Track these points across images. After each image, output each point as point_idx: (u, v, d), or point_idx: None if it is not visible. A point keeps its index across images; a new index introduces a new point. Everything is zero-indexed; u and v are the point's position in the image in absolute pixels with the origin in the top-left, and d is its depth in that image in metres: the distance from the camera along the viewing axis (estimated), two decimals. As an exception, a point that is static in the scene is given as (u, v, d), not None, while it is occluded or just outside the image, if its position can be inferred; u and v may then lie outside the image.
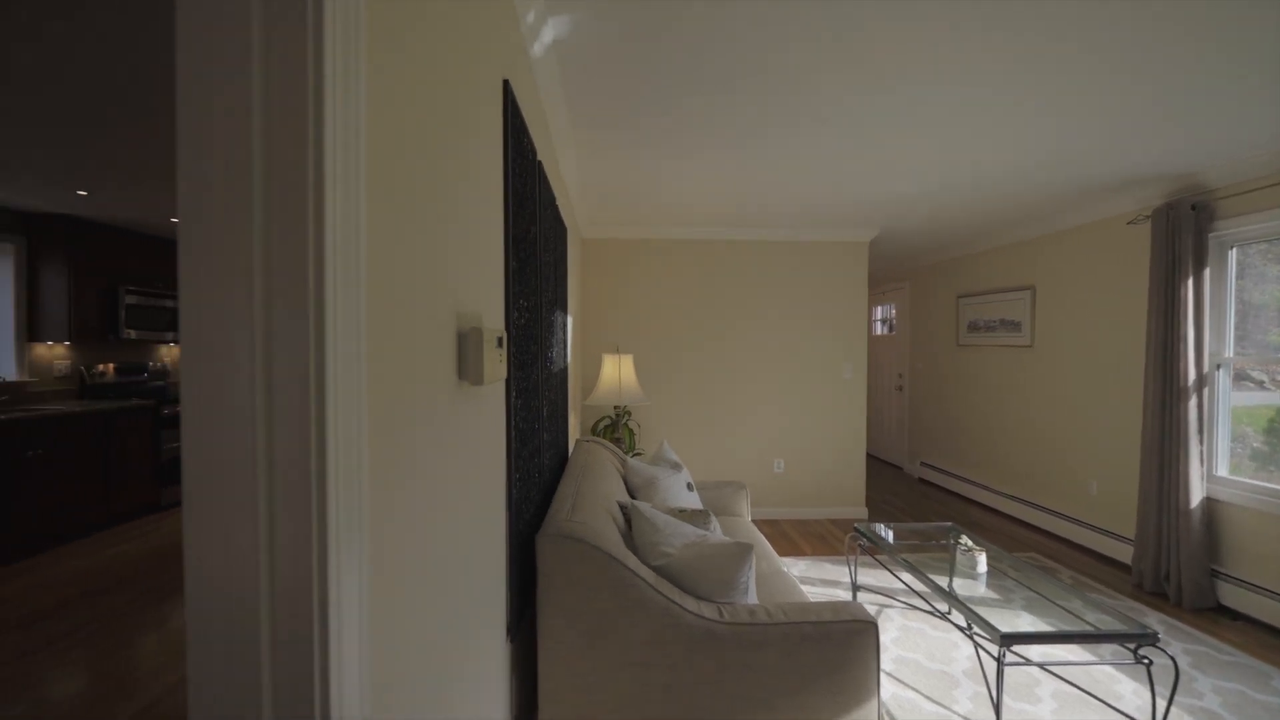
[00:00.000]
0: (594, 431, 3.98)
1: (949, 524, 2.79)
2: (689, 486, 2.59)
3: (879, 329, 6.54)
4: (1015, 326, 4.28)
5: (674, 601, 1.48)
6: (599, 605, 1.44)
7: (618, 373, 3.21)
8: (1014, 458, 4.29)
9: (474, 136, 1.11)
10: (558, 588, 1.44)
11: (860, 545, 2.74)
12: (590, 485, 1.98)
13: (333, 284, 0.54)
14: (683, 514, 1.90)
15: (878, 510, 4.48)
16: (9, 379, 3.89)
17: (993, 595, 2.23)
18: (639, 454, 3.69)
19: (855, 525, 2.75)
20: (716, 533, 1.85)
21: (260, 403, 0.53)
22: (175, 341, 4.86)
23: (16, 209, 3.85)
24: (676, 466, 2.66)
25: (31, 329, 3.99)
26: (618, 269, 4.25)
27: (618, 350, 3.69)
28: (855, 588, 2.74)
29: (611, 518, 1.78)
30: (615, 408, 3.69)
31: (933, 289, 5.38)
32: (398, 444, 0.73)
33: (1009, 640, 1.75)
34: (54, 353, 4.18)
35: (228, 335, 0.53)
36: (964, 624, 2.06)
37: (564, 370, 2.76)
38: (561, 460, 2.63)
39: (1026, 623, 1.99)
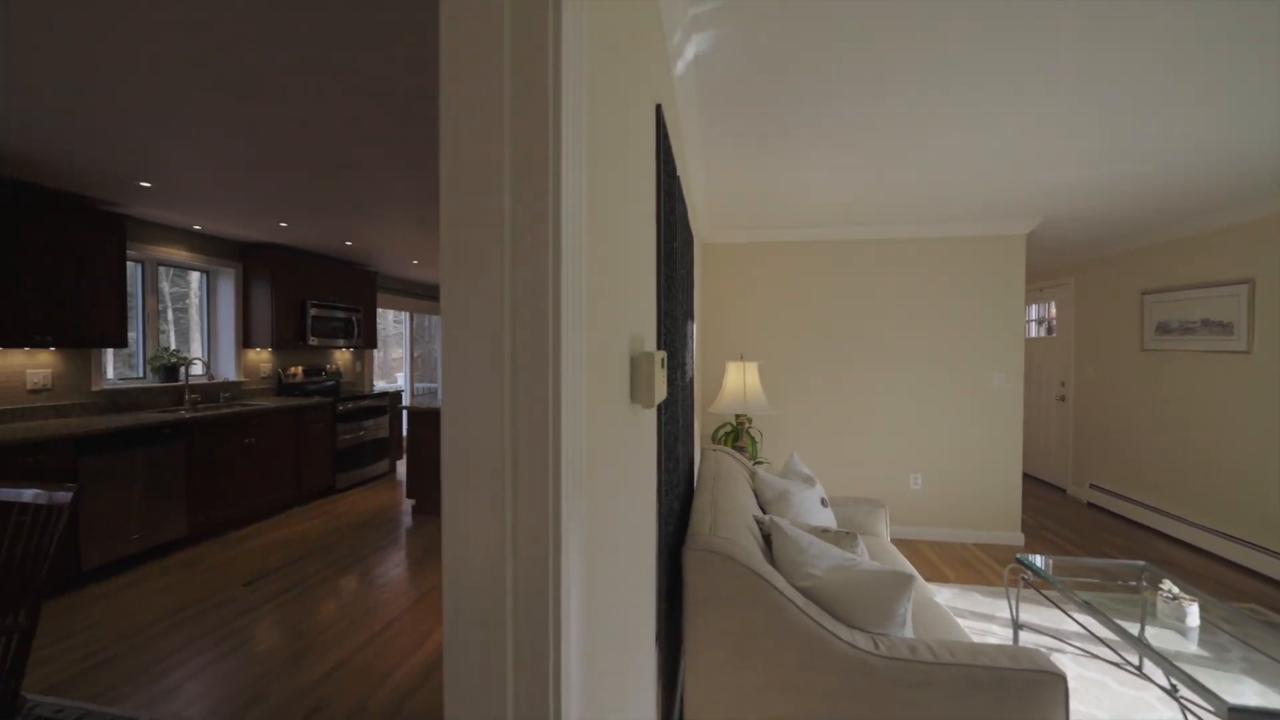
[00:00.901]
0: (714, 439, 3.96)
1: (1141, 563, 2.39)
2: (823, 502, 2.48)
3: (1034, 330, 5.79)
4: (1224, 328, 3.56)
5: (824, 627, 1.42)
6: (747, 624, 1.42)
7: (742, 380, 3.16)
8: (1220, 485, 3.57)
9: (635, 163, 1.15)
10: (705, 602, 1.45)
11: (1024, 578, 2.44)
12: (726, 498, 1.96)
13: (565, 333, 0.59)
14: (826, 534, 1.82)
15: (1037, 538, 3.96)
16: (230, 379, 4.74)
17: (1203, 653, 1.87)
18: (762, 463, 3.61)
19: (1018, 556, 2.46)
20: (864, 557, 1.74)
21: (509, 434, 0.60)
22: (346, 347, 5.62)
23: (236, 239, 4.68)
24: (809, 481, 2.55)
25: (245, 337, 4.84)
26: (739, 273, 4.19)
27: (742, 357, 3.63)
28: (1017, 626, 2.45)
29: (751, 533, 1.76)
30: (737, 416, 3.64)
31: (1107, 284, 4.65)
32: (597, 461, 0.77)
33: (1239, 715, 1.46)
34: (260, 357, 5.03)
35: (484, 383, 0.60)
36: (1166, 683, 1.75)
37: (691, 379, 2.78)
38: (690, 469, 2.64)
39: (1253, 692, 1.65)
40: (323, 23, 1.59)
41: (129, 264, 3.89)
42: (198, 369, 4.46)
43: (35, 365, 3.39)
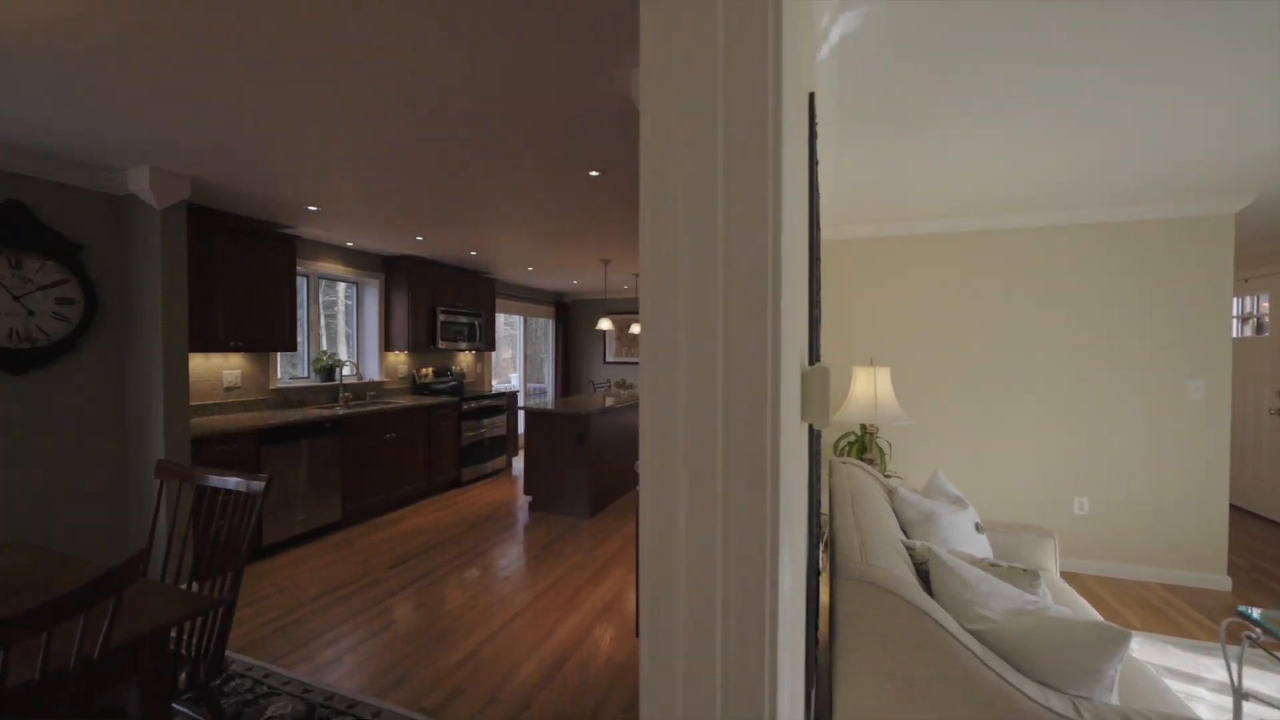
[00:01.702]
0: (836, 449, 3.70)
1: None
2: (977, 528, 2.19)
3: (1237, 329, 4.81)
4: None
5: (1009, 682, 1.22)
6: (913, 668, 1.26)
7: (873, 387, 2.92)
8: None
9: (796, 159, 1.05)
10: (862, 637, 1.31)
11: (1248, 636, 1.98)
12: (869, 519, 1.79)
13: (784, 346, 0.52)
14: (996, 569, 1.58)
15: (1252, 585, 3.25)
16: (374, 379, 5.26)
17: None
18: (892, 477, 3.31)
19: (1240, 609, 2.00)
20: (1047, 600, 1.49)
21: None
22: (468, 349, 6.02)
23: (379, 253, 5.18)
24: (958, 502, 2.28)
25: (386, 341, 5.34)
26: (861, 271, 3.89)
27: (871, 362, 3.36)
28: (1240, 695, 1.99)
29: (903, 560, 1.57)
30: (863, 425, 3.37)
31: (1345, 272, 3.73)
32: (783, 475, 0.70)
33: None
34: (398, 359, 5.53)
35: (694, 394, 0.56)
36: None
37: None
38: (817, 482, 2.47)
39: None
40: (506, 64, 1.66)
41: (297, 278, 4.44)
42: (349, 370, 5.00)
43: (229, 367, 3.98)
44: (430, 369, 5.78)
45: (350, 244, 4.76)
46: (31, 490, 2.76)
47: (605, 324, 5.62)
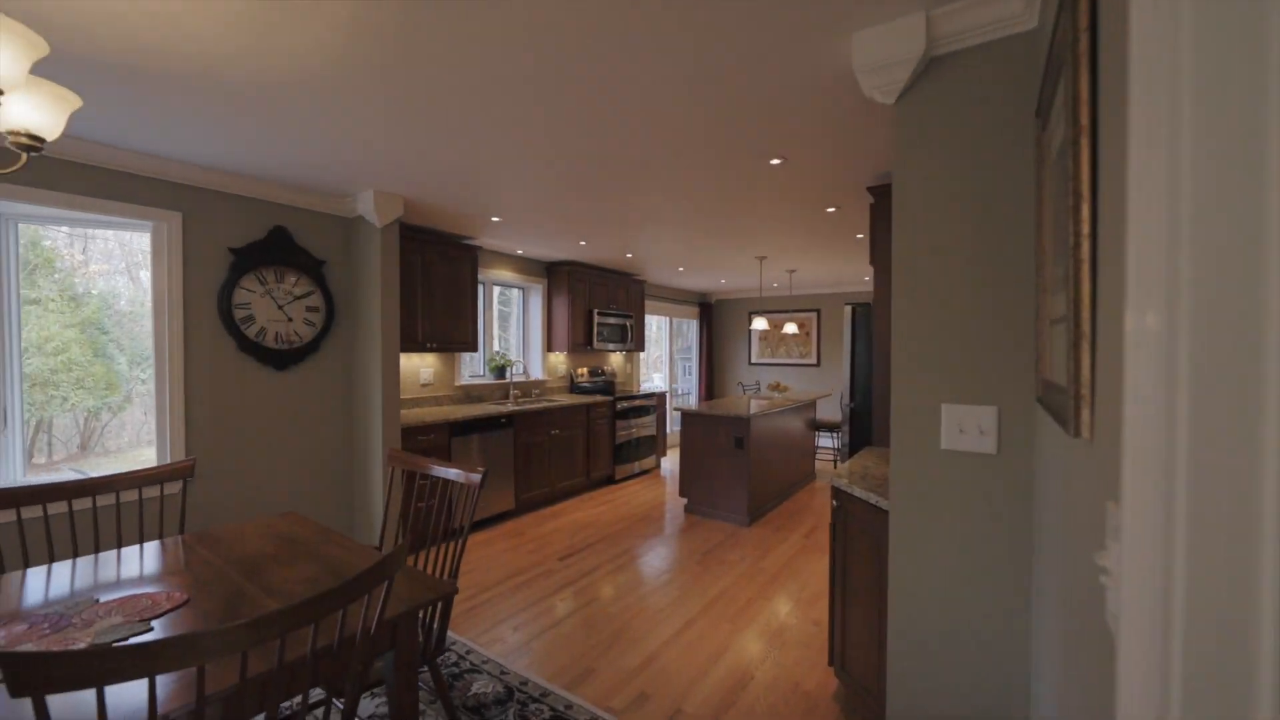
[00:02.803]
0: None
1: None
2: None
3: None
4: None
5: None
6: None
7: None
8: None
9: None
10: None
11: None
12: None
13: None
14: None
15: None
16: (537, 378, 5.60)
17: None
18: None
19: None
20: None
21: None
22: (619, 350, 6.17)
23: (543, 259, 5.51)
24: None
25: (548, 342, 5.67)
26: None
27: None
28: None
29: None
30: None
31: None
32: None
33: None
34: (558, 359, 5.84)
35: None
36: None
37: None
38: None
39: None
40: (706, 46, 1.60)
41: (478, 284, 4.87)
42: (518, 369, 5.37)
43: (424, 365, 4.47)
44: (585, 369, 6.02)
45: (520, 251, 5.11)
46: (286, 468, 3.31)
47: (760, 323, 5.40)
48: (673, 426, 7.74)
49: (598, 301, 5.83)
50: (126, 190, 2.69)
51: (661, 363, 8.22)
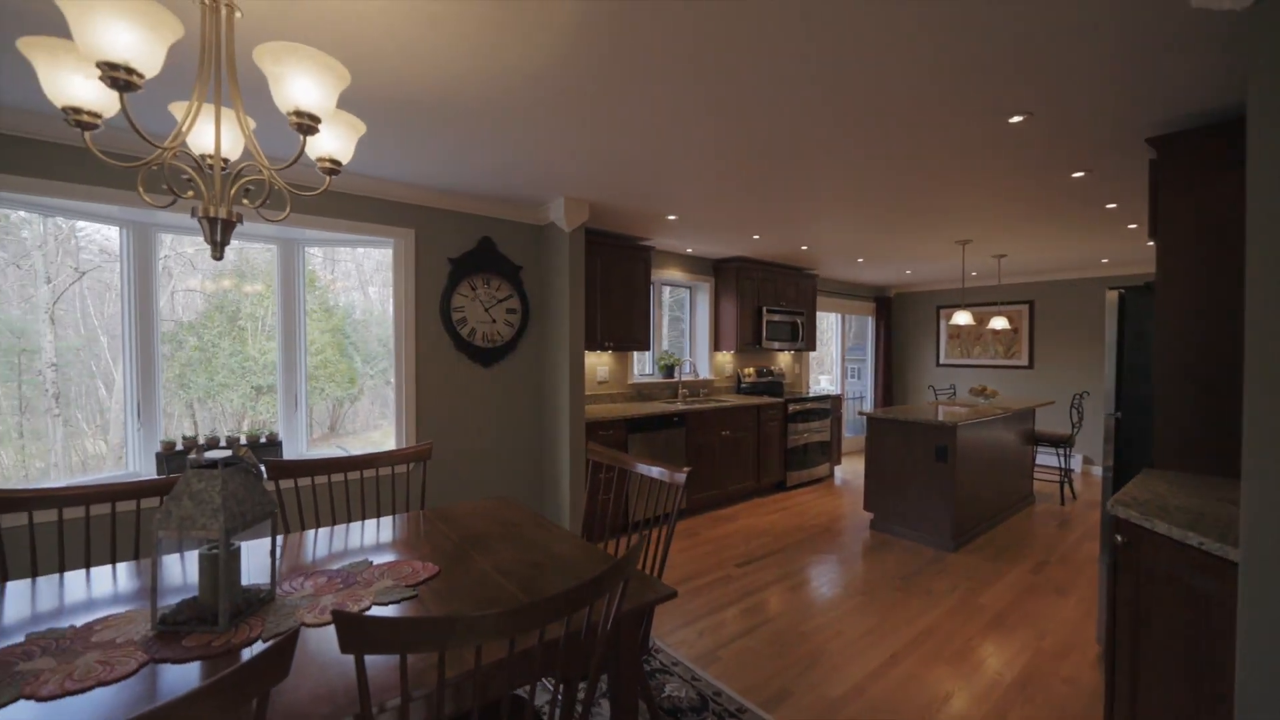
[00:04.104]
0: None
1: None
2: None
3: None
4: None
5: None
6: None
7: None
8: None
9: None
10: None
11: None
12: None
13: None
14: None
15: None
16: (704, 378, 5.54)
17: None
18: None
19: None
20: None
21: None
22: (789, 349, 5.83)
23: (710, 257, 5.43)
24: None
25: (715, 342, 5.57)
26: None
27: None
28: None
29: None
30: None
31: None
32: None
33: None
34: (725, 359, 5.72)
35: None
36: None
37: None
38: None
39: None
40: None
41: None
42: (686, 368, 5.37)
43: (600, 363, 4.66)
44: (752, 369, 5.81)
45: (689, 250, 5.09)
46: (489, 455, 3.66)
47: (962, 317, 4.68)
48: (849, 432, 7.15)
49: (766, 298, 5.58)
50: (375, 213, 3.19)
51: (831, 363, 7.64)
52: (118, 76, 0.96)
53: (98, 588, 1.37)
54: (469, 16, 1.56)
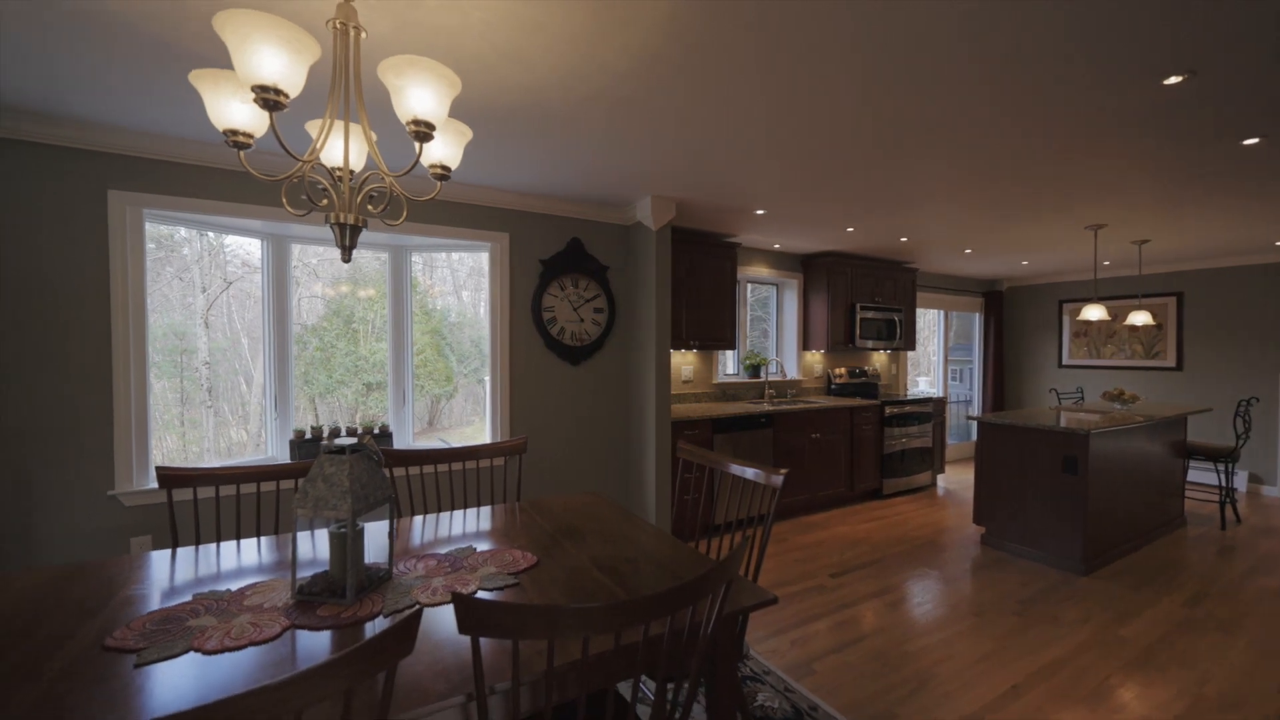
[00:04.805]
0: None
1: None
2: None
3: None
4: None
5: None
6: None
7: None
8: None
9: None
10: None
11: None
12: None
13: None
14: None
15: None
16: (792, 378, 5.33)
17: None
18: None
19: None
20: None
21: None
22: (885, 349, 5.48)
23: (799, 253, 5.22)
24: None
25: (804, 341, 5.35)
26: None
27: None
28: None
29: None
30: None
31: None
32: None
33: None
34: (814, 358, 5.48)
35: None
36: None
37: None
38: None
39: None
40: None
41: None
42: (773, 368, 5.20)
43: (685, 363, 4.63)
44: (844, 369, 5.52)
45: (777, 246, 4.93)
46: (576, 450, 3.75)
47: (1094, 312, 4.15)
48: (953, 438, 6.61)
49: (860, 295, 5.28)
50: (474, 219, 3.37)
51: (931, 363, 7.09)
52: (268, 97, 1.06)
53: (245, 557, 1.54)
54: (571, 18, 1.59)
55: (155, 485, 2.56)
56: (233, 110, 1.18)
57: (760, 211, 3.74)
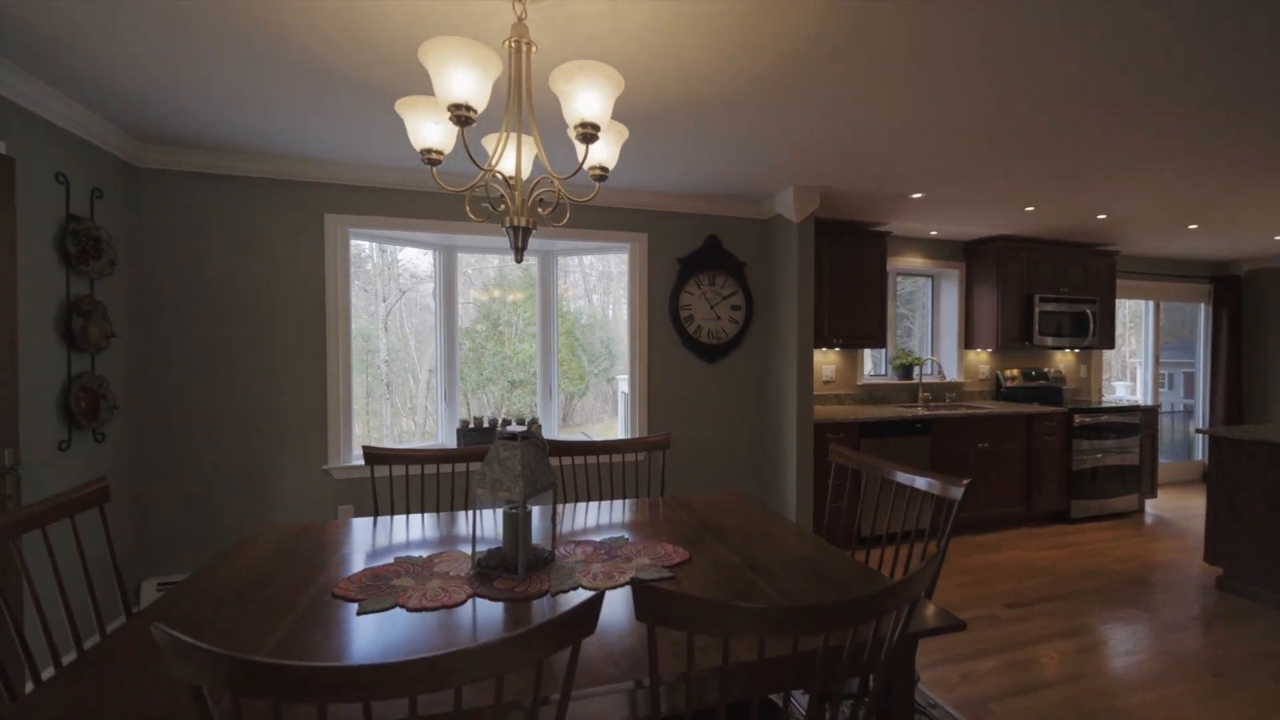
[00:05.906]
0: None
1: None
2: None
3: None
4: None
5: None
6: None
7: None
8: None
9: None
10: None
11: None
12: None
13: None
14: None
15: None
16: (952, 379, 4.77)
17: None
18: None
19: None
20: None
21: None
22: (1074, 347, 4.66)
23: (960, 239, 4.66)
24: None
25: (966, 339, 4.76)
26: None
27: None
28: None
29: None
30: None
31: None
32: None
33: None
34: (979, 358, 4.84)
35: None
36: None
37: None
38: None
39: None
40: None
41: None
42: (928, 369, 4.70)
43: (826, 362, 4.36)
44: (1016, 370, 4.81)
45: (934, 233, 4.45)
46: (712, 449, 3.70)
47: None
48: (1165, 456, 5.46)
49: (1039, 284, 4.56)
50: (615, 221, 3.49)
51: (1126, 365, 5.91)
52: (460, 114, 1.17)
53: (429, 530, 1.73)
54: (728, 12, 1.56)
55: (359, 462, 3.02)
56: (427, 131, 1.33)
57: (917, 195, 3.39)
